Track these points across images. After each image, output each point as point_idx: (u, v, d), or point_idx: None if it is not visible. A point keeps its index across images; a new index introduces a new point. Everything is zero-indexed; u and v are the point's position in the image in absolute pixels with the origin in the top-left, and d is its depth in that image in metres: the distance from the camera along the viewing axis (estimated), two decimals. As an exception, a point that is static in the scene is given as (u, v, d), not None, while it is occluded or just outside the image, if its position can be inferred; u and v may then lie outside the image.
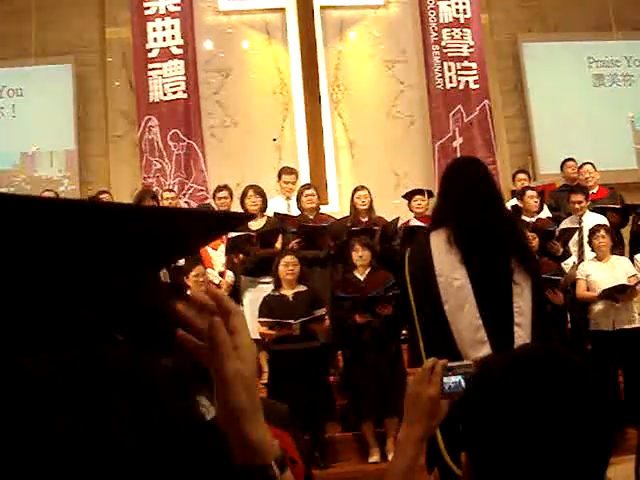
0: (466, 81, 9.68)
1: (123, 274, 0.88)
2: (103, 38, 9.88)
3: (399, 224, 7.17)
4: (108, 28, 9.84)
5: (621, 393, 6.10)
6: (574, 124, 10.15)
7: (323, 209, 7.83)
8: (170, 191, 8.32)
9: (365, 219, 7.27)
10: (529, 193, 7.40)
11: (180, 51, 9.23)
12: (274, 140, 9.66)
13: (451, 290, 2.95)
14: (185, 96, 9.17)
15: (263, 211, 7.29)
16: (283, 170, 8.05)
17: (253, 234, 6.94)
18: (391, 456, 4.48)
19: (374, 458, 5.89)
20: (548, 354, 1.18)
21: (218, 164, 9.33)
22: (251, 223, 7.14)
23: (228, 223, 1.29)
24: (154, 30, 9.24)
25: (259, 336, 6.22)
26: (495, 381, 1.15)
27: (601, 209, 7.41)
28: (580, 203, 7.32)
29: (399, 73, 10.13)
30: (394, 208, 8.06)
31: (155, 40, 9.22)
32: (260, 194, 7.28)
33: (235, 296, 7.01)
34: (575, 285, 6.56)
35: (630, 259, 6.80)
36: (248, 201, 7.22)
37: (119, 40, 9.73)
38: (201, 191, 9.03)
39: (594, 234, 6.50)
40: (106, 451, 0.71)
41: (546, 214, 7.59)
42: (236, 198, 7.68)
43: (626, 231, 7.70)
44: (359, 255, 6.24)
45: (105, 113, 9.78)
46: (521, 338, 2.90)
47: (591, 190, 7.97)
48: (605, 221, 6.99)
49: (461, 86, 9.67)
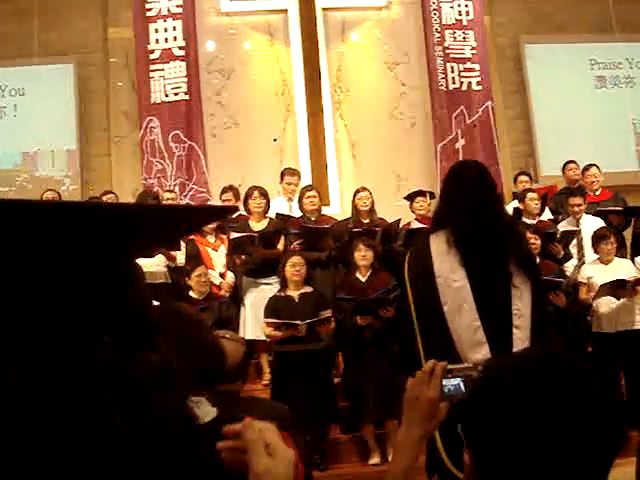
0: (469, 82, 9.67)
1: (103, 273, 0.88)
2: (105, 39, 9.89)
3: (400, 225, 7.16)
4: (110, 29, 9.85)
5: (623, 395, 6.09)
6: (576, 126, 10.15)
7: (324, 210, 7.83)
8: (171, 192, 8.33)
9: (366, 220, 7.27)
10: (530, 195, 7.39)
11: (182, 52, 9.23)
12: (275, 140, 9.66)
13: (450, 291, 2.95)
14: (187, 97, 9.17)
15: (266, 212, 7.29)
16: (286, 171, 8.04)
17: (255, 235, 6.94)
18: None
19: (374, 460, 5.89)
20: (555, 357, 1.18)
21: (219, 165, 9.33)
22: (253, 224, 7.14)
23: (207, 216, 1.31)
24: (156, 31, 9.24)
25: (265, 337, 6.22)
26: (504, 384, 1.15)
27: (602, 212, 7.39)
28: (579, 206, 7.31)
29: (401, 74, 10.13)
30: (396, 209, 8.05)
31: (157, 41, 9.22)
32: (264, 195, 7.28)
33: (236, 297, 7.02)
34: (577, 287, 6.55)
35: (632, 261, 6.79)
36: (253, 202, 7.21)
37: (121, 41, 9.73)
38: (202, 192, 9.01)
39: (603, 239, 6.45)
40: (104, 458, 0.71)
41: (548, 216, 7.59)
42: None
43: (628, 233, 7.69)
44: (362, 255, 6.23)
45: (107, 113, 9.78)
46: (520, 340, 2.90)
47: (595, 192, 7.97)
48: (602, 223, 6.98)
49: (464, 87, 9.66)
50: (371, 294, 5.97)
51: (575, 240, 7.13)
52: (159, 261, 6.78)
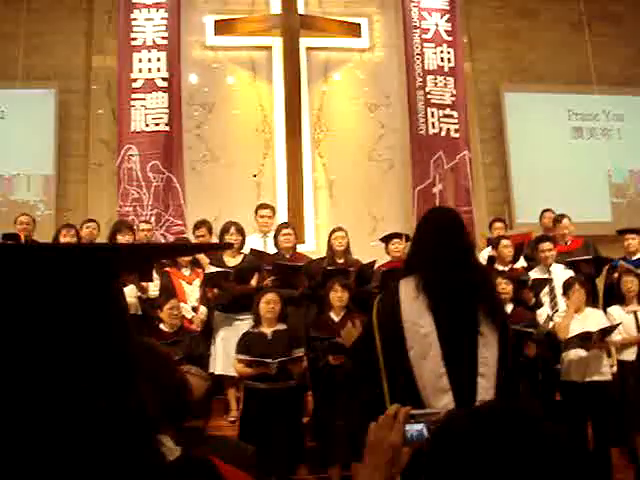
0: (447, 129, 9.75)
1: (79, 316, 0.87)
2: (89, 66, 9.92)
3: (375, 267, 7.17)
4: (94, 56, 9.89)
5: (589, 444, 6.08)
6: (552, 175, 10.29)
7: (299, 248, 7.83)
8: (147, 222, 8.28)
9: (341, 260, 7.28)
10: (504, 242, 7.46)
11: (165, 84, 9.24)
12: (254, 176, 9.68)
13: (417, 337, 2.94)
14: (167, 128, 9.15)
15: (241, 248, 7.28)
16: (260, 206, 8.07)
17: (230, 271, 6.93)
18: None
19: (339, 502, 5.81)
20: (515, 413, 1.16)
21: (196, 198, 9.30)
22: (228, 259, 7.12)
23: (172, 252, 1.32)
24: (140, 61, 9.25)
25: (236, 373, 6.16)
26: (457, 437, 1.13)
27: (573, 263, 7.41)
28: (550, 251, 7.36)
29: (381, 116, 10.23)
30: (371, 250, 8.06)
31: (140, 70, 9.23)
32: (240, 232, 7.30)
33: (208, 332, 6.96)
34: (548, 335, 6.56)
35: (604, 311, 6.82)
36: (229, 238, 7.20)
37: (104, 69, 9.77)
38: (178, 225, 8.95)
39: (570, 288, 6.50)
40: None
41: (521, 264, 7.63)
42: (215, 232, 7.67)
43: (600, 282, 7.74)
44: (338, 295, 6.22)
45: (86, 140, 9.77)
46: (484, 389, 2.89)
47: (566, 242, 8.03)
48: (572, 273, 7.03)
49: (443, 133, 9.73)
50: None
51: (547, 288, 7.17)
52: (130, 292, 6.72)
